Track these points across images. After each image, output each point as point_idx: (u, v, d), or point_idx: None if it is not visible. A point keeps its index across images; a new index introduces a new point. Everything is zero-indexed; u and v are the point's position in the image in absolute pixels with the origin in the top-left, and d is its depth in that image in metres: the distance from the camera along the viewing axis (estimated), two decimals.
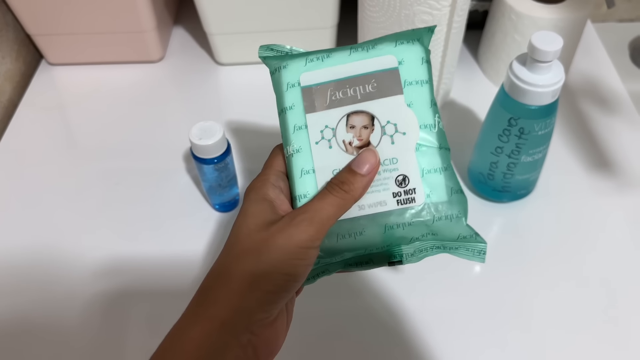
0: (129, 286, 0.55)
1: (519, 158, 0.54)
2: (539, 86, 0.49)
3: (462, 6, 0.59)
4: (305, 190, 0.37)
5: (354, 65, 0.38)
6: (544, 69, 0.49)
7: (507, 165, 0.55)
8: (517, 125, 0.51)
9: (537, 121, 0.51)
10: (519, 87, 0.49)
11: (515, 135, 0.52)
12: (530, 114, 0.51)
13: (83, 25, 0.72)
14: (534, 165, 0.56)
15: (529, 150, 0.53)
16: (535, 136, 0.52)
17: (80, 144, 0.69)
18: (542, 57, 0.48)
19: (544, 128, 0.52)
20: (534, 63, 0.48)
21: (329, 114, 0.37)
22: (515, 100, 0.50)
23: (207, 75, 0.77)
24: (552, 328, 0.52)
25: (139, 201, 0.62)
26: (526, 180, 0.57)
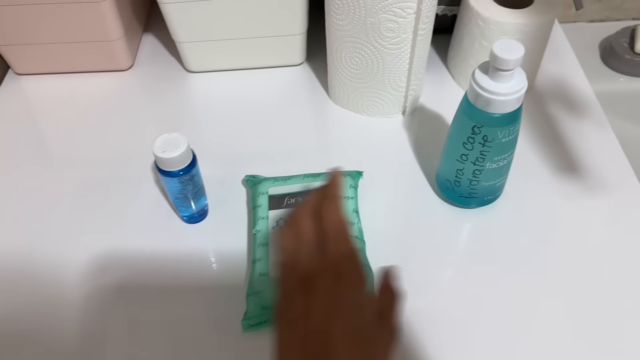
0: (99, 296, 0.55)
1: (484, 165, 0.54)
2: (501, 94, 0.49)
3: (427, 14, 0.59)
4: (260, 256, 0.54)
5: (305, 184, 0.59)
6: (506, 77, 0.49)
7: (473, 172, 0.55)
8: (480, 133, 0.52)
9: (500, 129, 0.51)
10: (481, 95, 0.50)
11: (479, 143, 0.52)
12: (493, 122, 0.51)
13: (50, 35, 0.71)
14: (500, 172, 0.56)
15: (494, 157, 0.53)
16: (500, 143, 0.52)
17: (49, 155, 0.69)
18: (503, 65, 0.48)
19: (508, 135, 0.52)
20: (496, 71, 0.49)
21: (283, 212, 0.57)
22: (478, 108, 0.51)
23: (177, 83, 0.76)
24: (522, 331, 0.52)
25: (108, 212, 0.62)
26: (492, 187, 0.57)
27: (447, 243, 0.58)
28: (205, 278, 0.56)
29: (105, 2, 0.67)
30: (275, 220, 0.56)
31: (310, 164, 0.65)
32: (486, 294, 0.55)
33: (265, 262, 0.53)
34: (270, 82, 0.76)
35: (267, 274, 0.52)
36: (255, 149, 0.68)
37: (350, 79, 0.67)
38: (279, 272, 0.36)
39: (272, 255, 0.54)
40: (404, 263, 0.55)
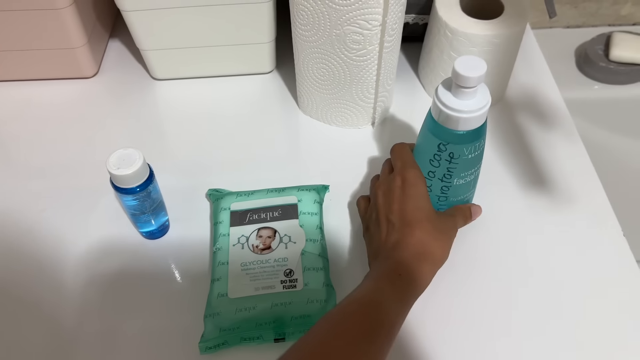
0: (56, 309, 0.53)
1: (451, 182, 0.54)
2: (465, 112, 0.48)
3: (393, 26, 0.58)
4: (219, 276, 0.53)
5: (268, 200, 0.58)
6: (469, 94, 0.48)
7: (441, 188, 0.55)
8: (446, 150, 0.51)
9: (466, 145, 0.50)
10: (445, 113, 0.49)
11: (445, 160, 0.52)
12: (458, 139, 0.50)
13: (9, 42, 0.69)
14: (467, 187, 0.55)
15: (461, 173, 0.53)
16: (466, 160, 0.51)
17: (8, 165, 0.67)
18: (466, 83, 0.47)
19: (474, 151, 0.51)
20: (459, 89, 0.48)
21: (245, 228, 0.56)
22: (443, 126, 0.50)
23: (142, 91, 0.74)
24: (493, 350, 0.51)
25: (65, 224, 0.60)
26: (461, 202, 0.57)
27: None
28: (164, 296, 0.55)
29: (67, 8, 0.65)
30: (236, 237, 0.55)
31: (278, 175, 0.64)
32: (452, 306, 0.54)
33: (225, 282, 0.52)
34: (238, 91, 0.74)
35: (225, 295, 0.51)
36: (222, 159, 0.66)
37: (317, 89, 0.66)
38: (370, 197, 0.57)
39: (231, 275, 0.52)
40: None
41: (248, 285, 0.51)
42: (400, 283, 0.46)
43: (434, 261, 0.48)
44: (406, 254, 0.47)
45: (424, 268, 0.47)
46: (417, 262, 0.47)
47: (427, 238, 0.48)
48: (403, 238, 0.48)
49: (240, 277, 0.52)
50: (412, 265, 0.47)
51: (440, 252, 0.49)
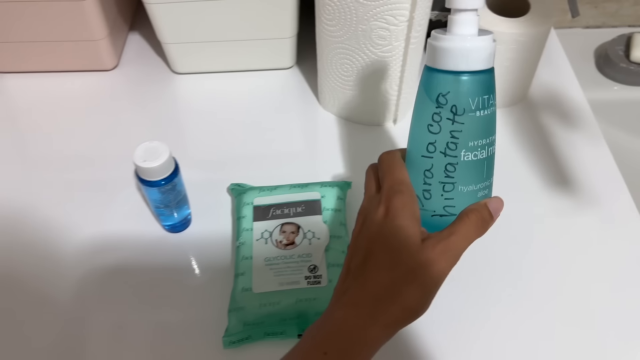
0: (78, 302, 0.53)
1: (458, 154, 0.40)
2: (465, 40, 0.38)
3: (420, 21, 0.58)
4: (243, 270, 0.52)
5: (292, 195, 0.57)
6: (468, 21, 0.38)
7: (445, 168, 0.41)
8: (447, 104, 0.39)
9: (472, 95, 0.39)
10: (441, 49, 0.38)
11: (447, 119, 0.39)
12: (461, 84, 0.39)
13: (32, 33, 0.69)
14: (480, 170, 0.41)
15: (469, 140, 0.40)
16: (474, 120, 0.39)
17: (29, 156, 0.66)
18: (464, 2, 0.37)
19: (483, 107, 0.39)
20: (456, 15, 0.38)
21: (268, 223, 0.55)
22: (440, 70, 0.39)
23: (162, 85, 0.74)
24: (508, 348, 0.51)
25: (87, 217, 0.60)
26: (473, 195, 0.42)
27: None
28: (186, 290, 0.55)
29: (88, 0, 0.65)
30: (260, 231, 0.55)
31: (298, 171, 0.64)
32: (474, 308, 0.53)
33: (249, 276, 0.51)
34: (258, 86, 0.74)
35: (250, 289, 0.51)
36: (242, 155, 0.66)
37: (340, 85, 0.65)
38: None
39: (255, 269, 0.52)
40: None
41: (272, 280, 0.51)
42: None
43: (396, 317, 0.37)
44: (345, 313, 0.37)
45: (374, 331, 0.36)
46: (358, 327, 0.37)
47: (388, 283, 0.37)
48: (351, 289, 0.38)
49: (264, 272, 0.52)
50: (347, 335, 0.37)
51: (414, 300, 0.37)
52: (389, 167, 0.42)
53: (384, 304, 0.37)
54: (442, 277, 0.38)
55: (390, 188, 0.40)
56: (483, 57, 0.38)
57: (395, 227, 0.38)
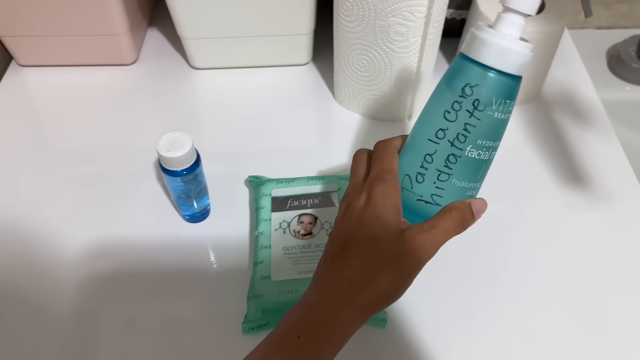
0: (97, 293, 0.54)
1: (463, 148, 0.40)
2: (509, 39, 0.38)
3: (437, 18, 0.59)
4: (262, 259, 0.54)
5: (309, 187, 0.59)
6: (516, 24, 0.38)
7: (447, 158, 0.41)
8: (472, 95, 0.39)
9: (497, 94, 0.39)
10: (484, 41, 0.38)
11: (466, 110, 0.39)
12: (492, 80, 0.39)
13: (54, 27, 0.70)
14: (476, 170, 0.42)
15: (478, 138, 0.40)
16: (491, 118, 0.40)
17: (49, 148, 0.68)
18: (519, 4, 0.37)
19: (502, 111, 0.40)
20: (507, 14, 0.38)
21: (286, 214, 0.57)
22: (476, 60, 0.39)
23: (180, 79, 0.75)
24: (521, 341, 0.52)
25: (107, 208, 0.61)
26: (462, 192, 0.42)
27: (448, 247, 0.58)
28: (205, 278, 0.56)
29: None
30: (278, 222, 0.56)
31: (313, 166, 0.65)
32: (484, 302, 0.54)
33: (267, 265, 0.53)
34: (275, 81, 0.75)
35: (268, 277, 0.52)
36: (258, 149, 0.67)
37: (356, 81, 0.66)
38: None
39: (274, 258, 0.53)
40: None
41: (290, 268, 0.52)
42: (295, 353, 0.36)
43: (370, 302, 0.37)
44: (320, 297, 0.38)
45: (347, 314, 0.37)
46: (331, 310, 0.37)
47: (364, 269, 0.38)
48: (327, 273, 0.39)
49: (282, 261, 0.53)
50: (320, 318, 0.37)
51: (389, 286, 0.38)
52: (380, 155, 0.42)
53: (358, 288, 0.37)
54: (419, 267, 0.38)
55: (376, 176, 0.41)
56: (519, 63, 0.39)
57: (375, 215, 0.39)
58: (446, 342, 0.52)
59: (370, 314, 0.38)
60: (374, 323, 0.51)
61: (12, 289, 0.55)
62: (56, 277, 0.56)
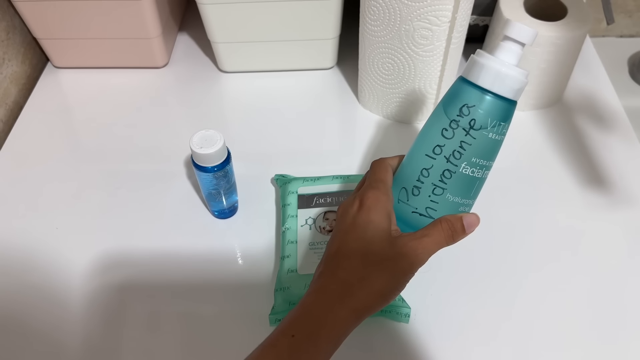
0: (127, 287, 0.57)
1: (458, 164, 0.43)
2: (506, 65, 0.41)
3: (462, 22, 0.60)
4: (288, 253, 0.55)
5: (334, 186, 0.60)
6: (513, 52, 0.42)
7: (442, 173, 0.43)
8: (469, 115, 0.42)
9: (492, 115, 0.42)
10: (482, 65, 0.41)
11: (463, 129, 0.42)
12: (488, 102, 0.42)
13: (90, 30, 0.73)
14: (470, 187, 0.44)
15: (473, 156, 0.43)
16: (485, 138, 0.42)
17: (84, 147, 0.71)
18: (517, 33, 0.41)
19: (497, 132, 0.43)
20: (506, 42, 0.42)
21: (312, 211, 0.58)
22: (474, 83, 0.42)
23: (210, 82, 0.78)
24: (538, 342, 0.52)
25: (139, 205, 0.63)
26: (455, 207, 0.44)
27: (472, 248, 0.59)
28: (232, 272, 0.58)
29: (146, 0, 0.69)
30: (304, 218, 0.58)
31: (337, 167, 0.66)
32: (506, 302, 0.55)
33: (294, 259, 0.54)
34: (300, 85, 0.77)
35: (295, 271, 0.53)
36: (284, 150, 0.69)
37: (380, 84, 0.68)
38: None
39: (300, 253, 0.55)
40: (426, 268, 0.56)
41: (316, 263, 0.54)
42: (288, 350, 0.38)
43: (365, 302, 0.39)
44: (315, 298, 0.40)
45: (341, 313, 0.39)
46: (325, 310, 0.39)
47: (357, 270, 0.40)
48: (322, 275, 0.41)
49: (308, 256, 0.54)
50: (314, 317, 0.39)
51: (383, 287, 0.39)
52: (373, 169, 0.46)
53: (352, 288, 0.39)
54: (411, 270, 0.40)
55: (368, 185, 0.44)
56: (515, 88, 0.42)
57: (368, 219, 0.42)
58: (466, 340, 0.53)
59: (364, 314, 0.40)
60: (397, 317, 0.52)
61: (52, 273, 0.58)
62: (91, 266, 0.58)
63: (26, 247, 0.60)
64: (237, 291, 0.56)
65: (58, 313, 0.55)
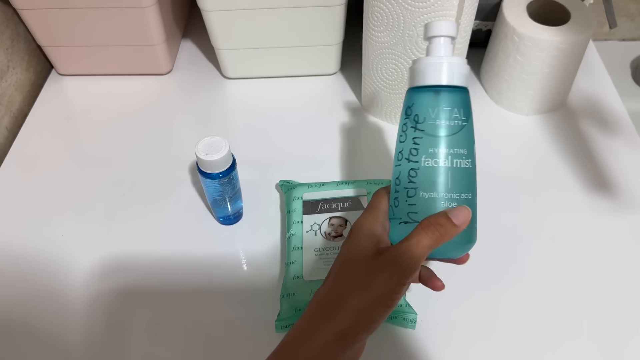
0: (132, 292, 0.57)
1: (419, 160, 0.42)
2: (422, 60, 0.43)
3: (465, 27, 0.60)
4: (294, 259, 0.55)
5: (339, 191, 0.61)
6: (434, 47, 0.43)
7: (409, 173, 0.43)
8: (412, 114, 0.43)
9: (432, 105, 0.42)
10: (410, 70, 0.44)
11: (411, 127, 0.43)
12: (422, 97, 0.43)
13: (93, 37, 0.74)
14: (442, 177, 0.42)
15: (429, 147, 0.42)
16: (433, 127, 0.42)
17: (88, 154, 0.71)
18: (431, 30, 0.43)
19: (443, 118, 0.42)
20: (427, 44, 0.44)
21: (317, 217, 0.58)
22: (410, 87, 0.44)
23: (213, 89, 0.78)
24: (546, 344, 0.52)
25: (144, 211, 0.63)
26: (434, 204, 0.42)
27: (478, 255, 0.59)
28: (238, 278, 0.58)
29: (150, 7, 0.69)
30: (309, 224, 0.58)
31: (342, 172, 0.67)
32: (511, 307, 0.55)
33: (300, 265, 0.54)
34: (304, 91, 0.77)
35: (301, 277, 0.53)
36: (288, 155, 0.69)
37: (384, 89, 0.68)
38: None
39: (306, 259, 0.55)
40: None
41: (322, 269, 0.54)
42: None
43: (347, 323, 0.38)
44: (297, 325, 0.40)
45: (322, 338, 0.37)
46: (305, 336, 0.38)
47: (335, 292, 0.39)
48: (307, 305, 0.41)
49: (314, 262, 0.54)
50: (294, 345, 0.39)
51: (359, 302, 0.38)
52: (371, 199, 0.46)
53: (329, 311, 0.38)
54: (392, 285, 0.38)
55: (361, 214, 0.44)
56: (436, 72, 0.42)
57: (350, 242, 0.42)
58: (474, 346, 0.53)
59: (349, 337, 0.38)
60: (403, 323, 0.52)
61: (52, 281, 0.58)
62: (97, 272, 0.58)
63: (31, 254, 0.60)
64: (242, 297, 0.56)
65: (63, 319, 0.55)
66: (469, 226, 0.42)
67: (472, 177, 0.43)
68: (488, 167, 0.59)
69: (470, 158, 0.43)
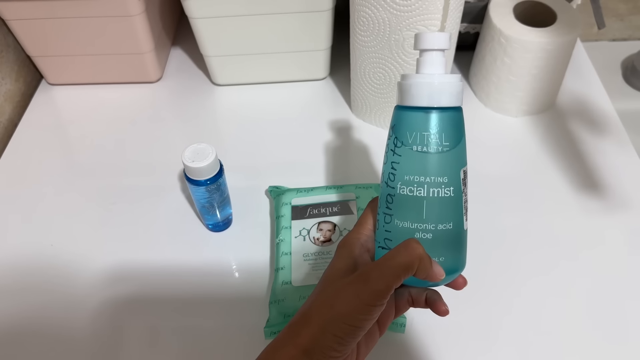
0: (122, 301, 0.56)
1: (395, 186, 0.40)
2: (411, 76, 0.39)
3: (451, 31, 0.60)
4: (282, 265, 0.55)
5: (327, 196, 0.61)
6: (424, 63, 0.40)
7: (386, 199, 0.41)
8: (392, 135, 0.40)
9: (410, 129, 0.39)
10: (398, 83, 0.41)
11: (391, 150, 0.40)
12: (403, 117, 0.40)
13: (83, 47, 0.74)
14: (417, 206, 0.39)
15: (405, 174, 0.39)
16: (410, 153, 0.39)
17: (79, 163, 0.71)
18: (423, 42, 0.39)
19: (422, 144, 0.39)
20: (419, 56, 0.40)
21: (306, 222, 0.59)
22: (397, 104, 0.41)
23: (203, 96, 0.78)
24: (536, 347, 0.52)
25: (134, 220, 0.63)
26: (409, 233, 0.40)
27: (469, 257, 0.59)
28: (228, 285, 0.58)
29: (138, 16, 0.70)
30: (298, 229, 0.58)
31: (332, 177, 0.66)
32: (502, 311, 0.55)
33: (288, 271, 0.54)
34: (294, 96, 0.77)
35: (289, 283, 0.53)
36: (278, 161, 0.69)
37: (372, 93, 0.68)
38: None
39: (294, 264, 0.55)
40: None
41: (310, 274, 0.54)
42: None
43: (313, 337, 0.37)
44: (271, 343, 0.39)
45: (289, 352, 0.37)
46: (274, 349, 0.38)
47: (302, 312, 0.39)
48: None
49: (302, 267, 0.54)
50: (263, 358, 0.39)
51: (322, 318, 0.37)
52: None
53: (296, 327, 0.38)
54: (358, 304, 0.37)
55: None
56: (422, 95, 0.39)
57: (332, 260, 0.42)
58: (463, 349, 0.52)
59: (316, 353, 0.37)
60: (392, 327, 0.52)
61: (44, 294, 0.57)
62: (87, 282, 0.58)
63: (21, 264, 0.60)
64: (233, 304, 0.56)
65: (52, 329, 0.55)
66: (455, 255, 0.41)
67: (455, 206, 0.40)
68: (477, 170, 0.58)
69: (453, 186, 0.39)
